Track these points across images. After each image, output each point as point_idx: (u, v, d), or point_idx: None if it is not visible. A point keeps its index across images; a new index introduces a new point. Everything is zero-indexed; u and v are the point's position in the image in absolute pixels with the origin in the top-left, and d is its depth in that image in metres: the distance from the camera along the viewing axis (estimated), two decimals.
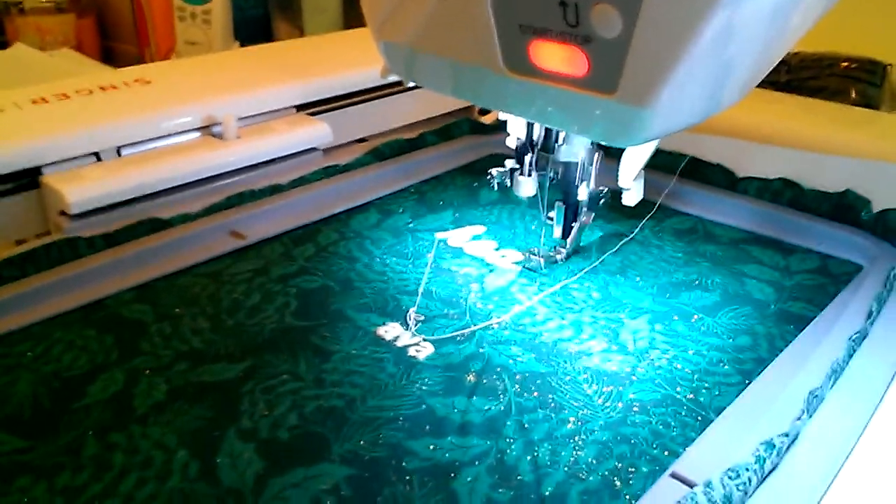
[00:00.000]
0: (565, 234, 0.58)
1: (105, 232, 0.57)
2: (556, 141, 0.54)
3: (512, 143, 0.56)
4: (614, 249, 0.60)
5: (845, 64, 0.82)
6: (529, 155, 0.56)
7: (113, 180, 0.59)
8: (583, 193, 0.55)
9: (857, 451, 0.36)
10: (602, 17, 0.35)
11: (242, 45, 1.70)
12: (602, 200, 0.56)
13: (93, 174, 0.59)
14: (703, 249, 0.60)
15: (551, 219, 0.57)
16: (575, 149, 0.53)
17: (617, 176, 0.52)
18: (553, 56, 0.39)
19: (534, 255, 0.58)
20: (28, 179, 0.59)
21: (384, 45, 0.48)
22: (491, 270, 0.58)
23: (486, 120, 0.84)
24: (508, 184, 0.57)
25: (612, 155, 0.51)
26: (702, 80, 0.36)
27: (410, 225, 0.64)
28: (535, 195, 0.57)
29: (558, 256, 0.58)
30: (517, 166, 0.56)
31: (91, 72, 1.25)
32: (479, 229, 0.64)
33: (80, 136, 0.60)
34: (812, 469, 0.36)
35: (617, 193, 0.54)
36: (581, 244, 0.60)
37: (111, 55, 2.13)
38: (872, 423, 0.38)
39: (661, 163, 0.69)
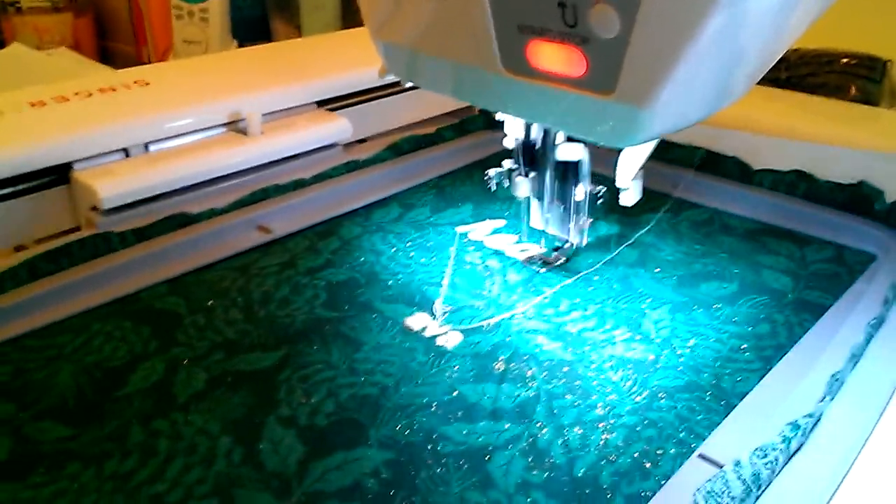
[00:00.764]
0: (564, 235, 0.58)
1: (136, 227, 0.58)
2: (554, 141, 0.55)
3: (510, 143, 0.56)
4: (631, 241, 0.61)
5: (845, 60, 0.83)
6: (527, 155, 0.56)
7: (142, 176, 0.60)
8: (580, 194, 0.55)
9: (878, 430, 0.38)
10: (600, 18, 0.36)
11: (240, 43, 1.70)
12: (600, 200, 0.57)
13: (123, 170, 0.60)
14: (719, 241, 0.61)
15: (549, 220, 0.58)
16: (572, 149, 0.53)
17: (614, 176, 0.52)
18: (551, 56, 0.39)
19: (533, 259, 0.59)
20: (57, 175, 0.61)
21: (383, 46, 0.49)
22: (512, 263, 0.59)
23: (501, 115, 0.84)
24: (506, 184, 0.58)
25: (614, 150, 0.51)
26: (700, 81, 0.36)
27: (431, 219, 0.66)
28: (531, 195, 0.58)
29: (558, 263, 0.59)
30: (515, 166, 0.57)
31: (92, 72, 1.25)
32: (499, 223, 0.65)
33: (110, 131, 0.62)
34: (836, 448, 0.37)
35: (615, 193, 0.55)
36: (598, 237, 0.62)
37: (108, 54, 2.14)
38: (893, 403, 0.39)
39: (676, 156, 0.71)
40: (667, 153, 0.71)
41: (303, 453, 0.40)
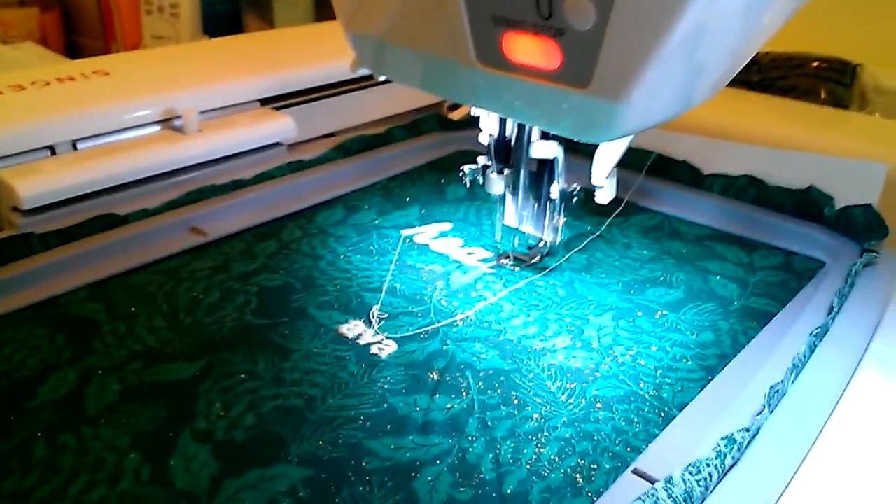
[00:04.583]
0: (539, 233, 0.57)
1: (59, 228, 0.55)
2: (529, 138, 0.53)
3: (484, 139, 0.55)
4: (581, 247, 0.60)
5: (816, 64, 0.83)
6: (502, 152, 0.55)
7: (68, 175, 0.57)
8: (555, 192, 0.54)
9: (817, 446, 0.36)
10: (575, 9, 0.35)
11: (209, 39, 1.67)
12: (575, 199, 0.56)
13: (46, 168, 0.57)
14: (668, 246, 0.60)
15: (524, 217, 0.56)
16: (547, 146, 0.52)
17: (590, 174, 0.51)
18: (526, 49, 0.38)
19: (506, 257, 0.58)
20: None
21: (353, 38, 0.47)
22: (457, 268, 0.57)
23: (455, 116, 0.83)
24: (480, 181, 0.56)
25: (584, 153, 0.50)
26: (675, 76, 0.36)
27: (376, 222, 0.64)
28: (506, 193, 0.56)
29: (533, 260, 0.57)
30: (489, 163, 0.56)
31: (49, 65, 1.22)
32: (446, 226, 0.63)
33: (34, 128, 0.58)
34: (773, 463, 0.36)
35: (590, 192, 0.54)
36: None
37: (76, 49, 2.09)
38: (833, 417, 0.38)
39: (628, 160, 0.69)
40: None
41: (216, 470, 0.37)
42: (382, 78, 0.49)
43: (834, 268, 0.56)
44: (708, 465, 0.35)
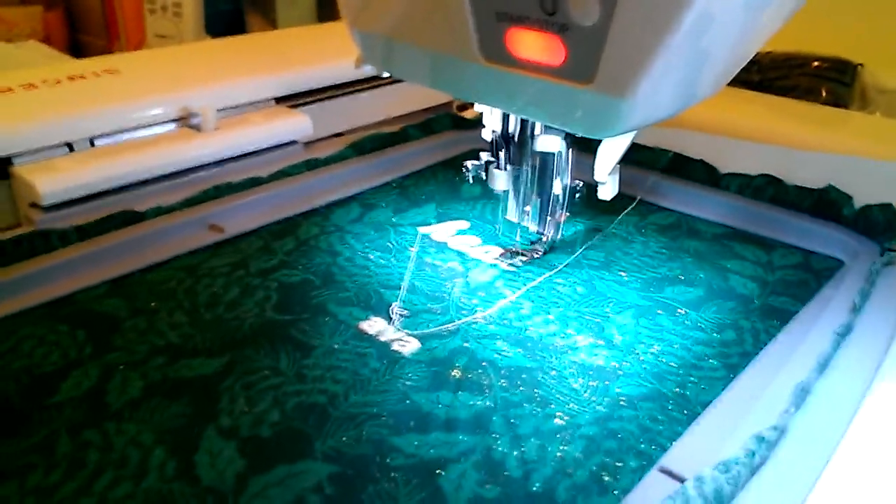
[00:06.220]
0: (541, 228, 0.57)
1: (78, 224, 0.55)
2: (532, 133, 0.53)
3: (487, 135, 0.55)
4: (592, 241, 0.59)
5: (816, 63, 0.83)
6: (505, 148, 0.55)
7: (86, 171, 0.57)
8: (558, 187, 0.54)
9: (845, 443, 0.36)
10: (580, 4, 0.35)
11: (214, 38, 1.67)
12: (578, 195, 0.56)
13: (65, 165, 0.57)
14: (686, 245, 0.60)
15: (527, 213, 0.57)
16: (550, 141, 0.52)
17: (593, 170, 0.51)
18: (530, 44, 0.38)
19: (511, 252, 0.57)
20: None
21: (359, 35, 0.47)
22: (475, 265, 0.57)
23: (468, 115, 0.83)
24: (484, 177, 0.56)
25: (588, 150, 0.50)
26: (679, 71, 0.36)
27: (393, 219, 0.64)
28: (510, 189, 0.56)
29: (535, 255, 0.57)
30: (492, 159, 0.56)
31: (60, 63, 1.22)
32: (463, 224, 0.63)
33: (53, 125, 0.59)
34: (802, 462, 0.35)
35: (593, 188, 0.54)
36: (563, 238, 0.60)
37: (79, 48, 2.10)
38: (860, 414, 0.38)
39: (643, 158, 0.69)
40: (634, 155, 0.69)
41: (242, 467, 0.37)
42: (387, 75, 0.49)
43: (853, 267, 0.56)
44: (737, 464, 0.34)
